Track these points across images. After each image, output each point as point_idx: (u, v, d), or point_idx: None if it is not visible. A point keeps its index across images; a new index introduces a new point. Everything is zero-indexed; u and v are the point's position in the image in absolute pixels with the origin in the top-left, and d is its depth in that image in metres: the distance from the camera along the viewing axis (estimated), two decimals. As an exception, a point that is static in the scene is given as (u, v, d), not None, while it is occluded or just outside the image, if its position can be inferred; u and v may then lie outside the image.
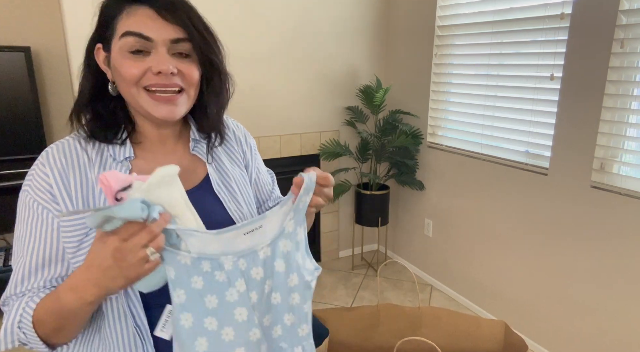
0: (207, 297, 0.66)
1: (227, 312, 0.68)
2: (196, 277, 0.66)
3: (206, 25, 0.73)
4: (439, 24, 2.61)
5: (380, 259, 3.23)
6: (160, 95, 0.69)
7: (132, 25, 0.66)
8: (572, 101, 1.94)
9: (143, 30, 0.66)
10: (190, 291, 0.65)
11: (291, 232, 0.73)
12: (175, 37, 0.68)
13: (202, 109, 0.79)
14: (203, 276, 0.66)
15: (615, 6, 1.72)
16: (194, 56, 0.71)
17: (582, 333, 2.01)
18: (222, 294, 0.67)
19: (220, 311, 0.67)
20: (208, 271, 0.67)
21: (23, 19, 2.43)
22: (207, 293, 0.66)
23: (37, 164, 0.71)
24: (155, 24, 0.66)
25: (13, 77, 2.28)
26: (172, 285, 0.64)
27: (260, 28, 2.61)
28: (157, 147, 0.78)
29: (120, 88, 0.71)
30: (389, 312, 1.21)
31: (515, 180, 2.24)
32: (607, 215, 1.85)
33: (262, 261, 0.71)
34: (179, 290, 0.65)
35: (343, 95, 2.99)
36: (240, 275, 0.69)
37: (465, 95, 2.50)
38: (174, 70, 0.68)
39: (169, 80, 0.68)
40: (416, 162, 2.89)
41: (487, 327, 1.20)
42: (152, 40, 0.66)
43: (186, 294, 0.65)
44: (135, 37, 0.66)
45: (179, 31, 0.68)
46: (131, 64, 0.67)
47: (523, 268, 2.26)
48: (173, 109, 0.71)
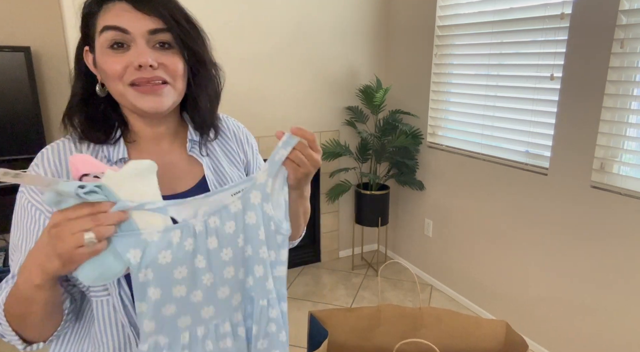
0: (176, 269, 0.66)
1: (196, 278, 0.68)
2: (164, 252, 0.64)
3: (186, 15, 0.72)
4: (439, 24, 2.61)
5: (380, 259, 3.23)
6: (144, 87, 0.68)
7: (108, 19, 0.66)
8: (572, 101, 1.93)
9: (119, 23, 0.66)
10: (158, 268, 0.64)
11: (262, 183, 0.72)
12: (153, 27, 0.67)
13: (193, 102, 0.78)
14: (172, 249, 0.65)
15: (615, 6, 1.72)
16: (176, 47, 0.70)
17: (582, 333, 2.01)
18: (191, 262, 0.67)
19: (189, 278, 0.67)
20: (177, 242, 0.66)
21: (23, 19, 2.42)
22: (177, 265, 0.66)
23: (32, 165, 0.71)
24: (132, 16, 0.66)
25: (13, 77, 2.27)
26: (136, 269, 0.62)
27: (260, 28, 2.61)
28: (152, 147, 0.77)
29: (108, 87, 0.71)
30: (389, 313, 1.21)
31: (515, 180, 2.24)
32: (607, 215, 1.85)
33: (233, 215, 0.70)
34: (145, 270, 0.63)
35: (343, 95, 2.99)
36: (212, 232, 0.68)
37: (465, 95, 2.49)
38: (154, 63, 0.67)
39: (150, 74, 0.67)
40: (416, 162, 2.89)
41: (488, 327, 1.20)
42: (129, 32, 0.66)
43: (154, 271, 0.64)
44: (112, 31, 0.66)
45: (157, 22, 0.67)
46: (113, 59, 0.67)
47: (523, 268, 2.26)
48: (158, 100, 0.70)
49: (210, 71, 0.77)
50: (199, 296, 0.68)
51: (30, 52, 2.30)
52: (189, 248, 0.67)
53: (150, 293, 0.64)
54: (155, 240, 0.64)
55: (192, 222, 0.67)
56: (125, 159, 0.74)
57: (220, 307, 0.71)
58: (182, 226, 0.67)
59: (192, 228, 0.67)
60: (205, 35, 0.75)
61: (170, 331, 0.67)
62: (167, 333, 0.67)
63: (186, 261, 0.67)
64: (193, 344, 0.69)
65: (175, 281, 0.66)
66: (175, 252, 0.66)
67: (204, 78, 0.76)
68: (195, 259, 0.68)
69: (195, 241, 0.68)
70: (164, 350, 0.67)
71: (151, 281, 0.64)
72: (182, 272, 0.67)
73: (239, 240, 0.71)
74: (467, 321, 1.20)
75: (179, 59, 0.70)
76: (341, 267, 3.15)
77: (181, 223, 0.67)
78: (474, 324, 1.21)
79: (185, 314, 0.68)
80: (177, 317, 0.67)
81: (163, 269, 0.65)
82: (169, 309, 0.66)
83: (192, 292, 0.68)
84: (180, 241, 0.66)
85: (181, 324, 0.68)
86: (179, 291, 0.67)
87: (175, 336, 0.68)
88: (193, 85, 0.75)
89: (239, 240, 0.71)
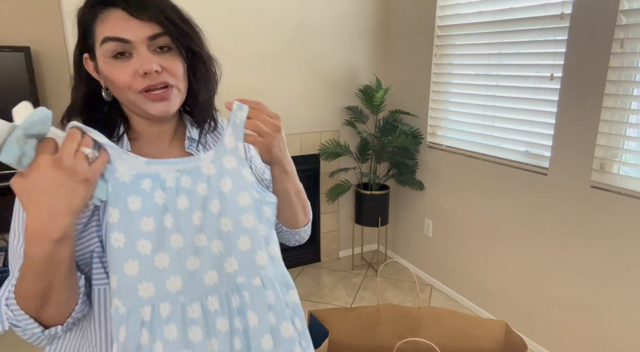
0: (142, 219, 0.63)
1: (163, 236, 0.64)
2: (134, 197, 0.63)
3: (181, 14, 0.72)
4: (438, 24, 2.61)
5: (380, 259, 3.23)
6: (154, 93, 0.70)
7: (107, 30, 0.67)
8: (572, 101, 1.94)
9: (119, 33, 0.66)
10: (125, 211, 0.62)
11: (233, 147, 0.71)
12: (152, 33, 0.68)
13: (193, 98, 0.79)
14: (142, 196, 0.63)
15: (615, 6, 1.72)
16: (175, 49, 0.71)
17: (582, 333, 2.01)
18: (160, 218, 0.64)
19: (155, 234, 0.63)
20: (147, 191, 0.63)
21: (23, 19, 2.42)
22: (144, 215, 0.63)
23: None
24: (129, 25, 0.67)
25: (13, 77, 2.27)
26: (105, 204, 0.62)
27: (260, 29, 2.61)
28: (153, 144, 0.78)
29: (116, 95, 0.72)
30: (389, 313, 1.21)
31: (515, 180, 2.24)
32: (607, 215, 1.85)
33: (206, 177, 0.68)
34: (113, 209, 0.62)
35: (343, 95, 2.99)
36: (183, 192, 0.66)
37: (465, 95, 2.50)
38: (158, 68, 0.68)
39: (156, 80, 0.69)
40: (416, 162, 2.89)
41: (488, 327, 1.20)
42: (130, 41, 0.67)
43: (120, 213, 0.62)
44: (113, 41, 0.67)
45: (154, 27, 0.68)
46: (118, 70, 0.68)
47: (523, 268, 2.26)
48: (167, 104, 0.71)
49: (208, 66, 0.78)
50: (164, 260, 0.63)
51: (30, 52, 2.30)
52: (158, 201, 0.64)
53: (114, 239, 0.61)
54: (127, 181, 0.63)
55: (164, 176, 0.65)
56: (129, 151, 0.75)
57: (189, 281, 0.64)
58: (153, 176, 0.65)
59: (164, 181, 0.65)
60: (200, 31, 0.76)
61: (130, 297, 0.61)
62: (126, 299, 0.61)
63: (154, 213, 0.63)
64: (155, 324, 0.61)
65: (140, 232, 0.62)
66: (144, 201, 0.63)
67: (203, 74, 0.77)
68: (164, 215, 0.64)
69: (165, 195, 0.64)
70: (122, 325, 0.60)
71: (116, 223, 0.62)
72: (147, 224, 0.63)
73: (211, 206, 0.66)
74: (466, 320, 1.20)
75: (179, 61, 0.71)
76: (341, 267, 3.15)
77: (152, 173, 0.65)
78: (474, 324, 1.21)
79: (148, 280, 0.62)
80: (139, 281, 0.62)
81: (130, 215, 0.62)
82: (131, 268, 0.61)
83: (157, 254, 0.63)
84: (151, 191, 0.64)
85: (143, 292, 0.61)
86: (143, 247, 0.62)
87: (135, 305, 0.61)
88: (193, 82, 0.76)
89: (211, 206, 0.66)
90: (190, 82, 0.76)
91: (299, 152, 2.92)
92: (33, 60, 2.34)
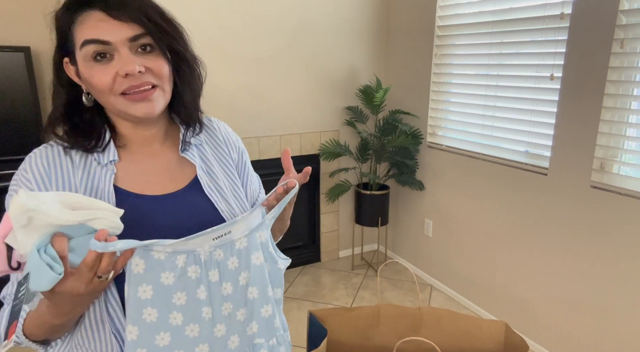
0: (176, 294, 0.65)
1: (195, 309, 0.66)
2: (168, 273, 0.64)
3: (162, 14, 0.71)
4: (438, 24, 2.61)
5: (380, 259, 3.23)
6: (135, 94, 0.68)
7: (87, 32, 0.65)
8: (572, 101, 1.93)
9: (99, 35, 0.64)
10: (159, 286, 0.63)
11: (268, 224, 0.75)
12: (133, 34, 0.66)
13: (178, 99, 0.77)
14: (175, 272, 0.64)
15: (615, 6, 1.72)
16: (158, 49, 0.69)
17: (582, 333, 2.01)
18: (193, 291, 0.66)
19: (188, 307, 0.66)
20: (182, 266, 0.65)
21: (23, 19, 2.42)
22: (177, 290, 0.65)
23: (20, 169, 0.71)
24: (109, 26, 0.65)
25: (12, 77, 2.27)
26: (137, 280, 0.62)
27: (260, 28, 2.61)
28: (143, 149, 0.77)
29: (98, 99, 0.71)
30: (389, 313, 1.21)
31: (515, 180, 2.24)
32: (607, 215, 1.85)
33: (237, 251, 0.70)
34: (146, 286, 0.63)
35: (343, 95, 2.99)
36: (215, 265, 0.68)
37: (465, 95, 2.49)
38: (141, 68, 0.66)
39: (139, 80, 0.67)
40: (416, 162, 2.89)
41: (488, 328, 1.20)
42: (111, 43, 0.65)
43: (154, 290, 0.63)
44: (93, 44, 0.65)
45: (135, 28, 0.66)
46: (99, 72, 0.66)
47: (523, 268, 2.26)
48: (150, 105, 0.69)
49: (192, 67, 0.76)
50: (195, 330, 0.66)
51: (30, 52, 2.30)
52: (192, 275, 0.66)
53: (146, 314, 0.63)
54: (162, 259, 0.63)
55: (199, 251, 0.66)
56: (115, 161, 0.73)
57: (216, 347, 0.68)
58: (188, 251, 0.65)
59: (198, 256, 0.66)
60: (183, 31, 0.74)
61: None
62: None
63: (187, 287, 0.65)
64: None
65: (174, 306, 0.64)
66: (178, 276, 0.65)
67: (187, 74, 0.76)
68: (197, 288, 0.66)
69: (200, 270, 0.66)
70: None
71: (149, 299, 0.63)
72: (181, 299, 0.65)
73: (240, 278, 0.70)
74: (466, 321, 1.20)
75: (163, 61, 0.70)
76: (341, 267, 3.15)
77: (188, 248, 0.65)
78: (474, 325, 1.21)
79: (179, 348, 0.65)
80: (170, 350, 0.65)
81: (163, 290, 0.63)
82: (163, 339, 0.64)
83: (188, 325, 0.66)
84: (185, 266, 0.65)
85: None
86: (175, 319, 0.64)
87: None
88: (178, 83, 0.75)
89: (240, 278, 0.70)
90: (174, 84, 0.74)
91: (299, 152, 2.92)
92: (33, 60, 2.34)
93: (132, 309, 0.62)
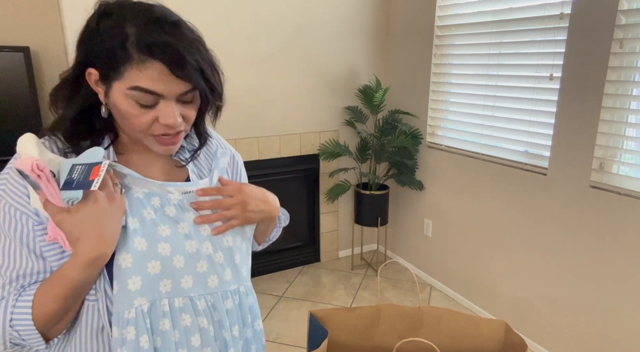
0: (160, 227, 0.71)
1: (180, 241, 0.72)
2: (149, 209, 0.71)
3: (212, 63, 0.71)
4: (438, 24, 2.61)
5: (380, 259, 3.23)
6: (165, 138, 0.71)
7: (143, 81, 0.64)
8: (571, 101, 1.94)
9: (155, 88, 0.64)
10: (143, 220, 0.70)
11: None
12: (185, 90, 0.67)
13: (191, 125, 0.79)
14: (154, 210, 0.71)
15: (615, 6, 1.72)
16: (197, 100, 0.71)
17: (582, 333, 2.01)
18: (175, 226, 0.72)
19: (173, 239, 0.72)
20: (158, 206, 0.72)
21: (23, 19, 2.42)
22: (160, 223, 0.71)
23: (10, 167, 0.70)
24: (168, 80, 0.65)
25: (12, 77, 2.27)
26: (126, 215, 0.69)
27: (260, 28, 2.61)
28: (139, 156, 0.78)
29: (120, 122, 0.70)
30: (388, 312, 1.21)
31: (515, 180, 2.24)
32: (607, 215, 1.85)
33: None
34: (132, 218, 0.69)
35: (342, 95, 2.99)
36: (190, 210, 0.75)
37: (465, 95, 2.50)
38: (180, 119, 0.69)
39: (174, 130, 0.70)
40: (416, 162, 2.89)
41: (487, 327, 1.20)
42: (164, 96, 0.66)
43: (139, 222, 0.69)
44: (147, 93, 0.65)
45: (188, 84, 0.67)
46: (140, 114, 0.67)
47: (523, 268, 2.27)
48: (173, 148, 0.74)
49: (219, 107, 0.78)
50: (181, 261, 0.72)
51: (30, 52, 2.30)
52: (170, 214, 0.73)
53: (137, 243, 0.68)
54: (141, 197, 0.71)
55: (170, 197, 0.74)
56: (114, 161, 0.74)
57: (198, 281, 0.74)
58: (162, 195, 0.73)
59: (172, 201, 0.74)
60: (222, 74, 0.74)
61: (152, 293, 0.69)
62: (149, 295, 0.69)
63: (168, 222, 0.72)
64: (173, 313, 0.71)
65: (160, 237, 0.70)
66: (158, 213, 0.72)
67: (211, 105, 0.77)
68: (178, 225, 0.73)
69: (175, 210, 0.73)
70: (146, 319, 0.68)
71: (138, 230, 0.69)
72: (165, 231, 0.71)
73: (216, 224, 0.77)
74: (466, 320, 1.20)
75: (196, 109, 0.73)
76: (341, 267, 3.15)
77: (160, 192, 0.73)
78: (473, 324, 1.21)
79: (168, 277, 0.71)
80: (160, 278, 0.70)
81: (148, 224, 0.70)
82: (154, 267, 0.69)
83: (175, 256, 0.71)
84: (161, 207, 0.72)
85: (163, 288, 0.70)
86: (164, 249, 0.70)
87: (156, 300, 0.70)
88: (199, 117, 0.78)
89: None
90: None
91: (299, 152, 2.92)
92: (33, 60, 2.34)
93: (124, 238, 0.68)
